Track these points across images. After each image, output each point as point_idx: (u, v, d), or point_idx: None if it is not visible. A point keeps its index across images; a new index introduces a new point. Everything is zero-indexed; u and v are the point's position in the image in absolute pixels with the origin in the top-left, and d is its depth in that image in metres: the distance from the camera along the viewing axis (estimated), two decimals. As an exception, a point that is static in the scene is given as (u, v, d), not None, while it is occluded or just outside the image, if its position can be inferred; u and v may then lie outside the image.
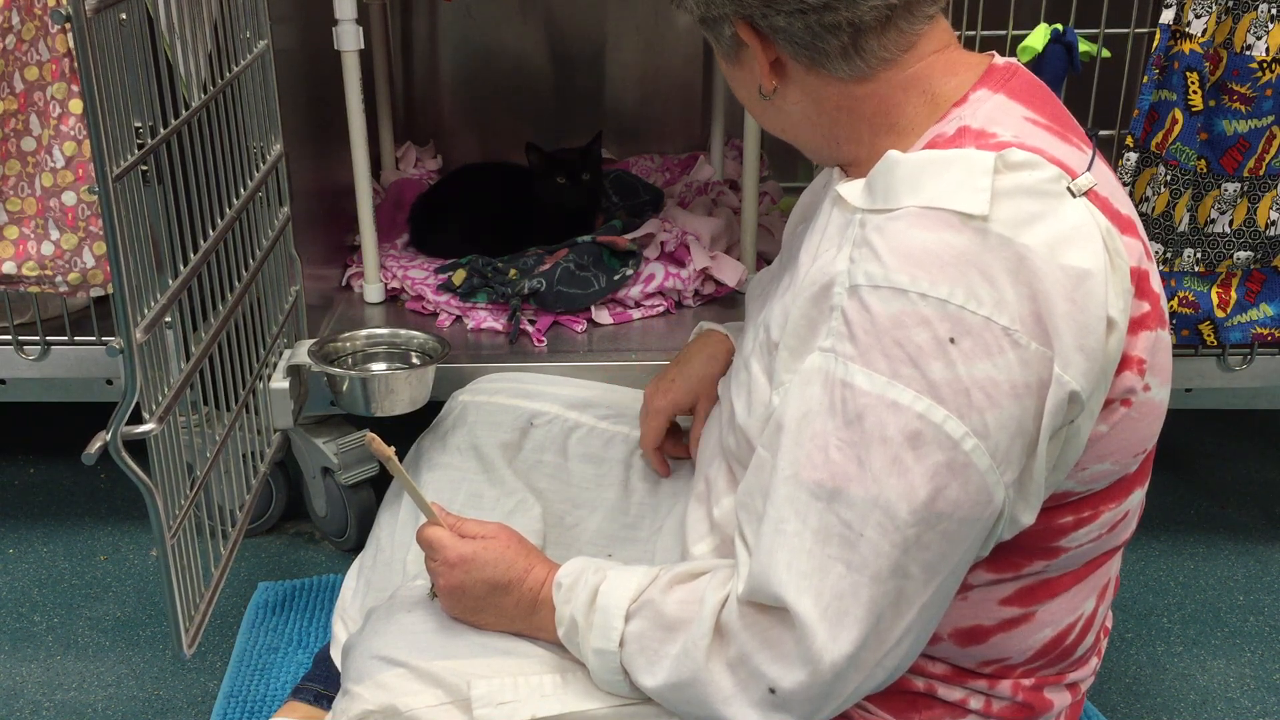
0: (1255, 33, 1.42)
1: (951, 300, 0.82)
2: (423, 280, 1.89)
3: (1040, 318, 0.83)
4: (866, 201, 0.90)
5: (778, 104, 0.97)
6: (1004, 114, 0.90)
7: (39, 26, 1.41)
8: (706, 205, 2.09)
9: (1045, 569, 0.97)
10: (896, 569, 0.85)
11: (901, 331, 0.83)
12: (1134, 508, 1.00)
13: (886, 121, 0.94)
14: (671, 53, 2.38)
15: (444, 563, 1.06)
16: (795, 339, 0.91)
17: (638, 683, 0.98)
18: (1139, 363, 0.90)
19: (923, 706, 1.00)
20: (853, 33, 0.90)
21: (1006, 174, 0.85)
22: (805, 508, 0.86)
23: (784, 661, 0.88)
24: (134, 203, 1.09)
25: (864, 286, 0.85)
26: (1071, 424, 0.87)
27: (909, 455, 0.83)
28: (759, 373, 0.98)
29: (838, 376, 0.86)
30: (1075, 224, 0.85)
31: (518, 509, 1.33)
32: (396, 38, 2.35)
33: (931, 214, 0.84)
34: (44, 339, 1.62)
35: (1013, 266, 0.83)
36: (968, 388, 0.83)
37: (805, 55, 0.92)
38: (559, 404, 1.39)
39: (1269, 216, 1.52)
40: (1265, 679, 1.55)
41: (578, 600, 1.01)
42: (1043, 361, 0.83)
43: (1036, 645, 0.99)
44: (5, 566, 1.74)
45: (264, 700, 1.44)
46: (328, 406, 1.66)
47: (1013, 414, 0.83)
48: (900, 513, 0.84)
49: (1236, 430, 2.15)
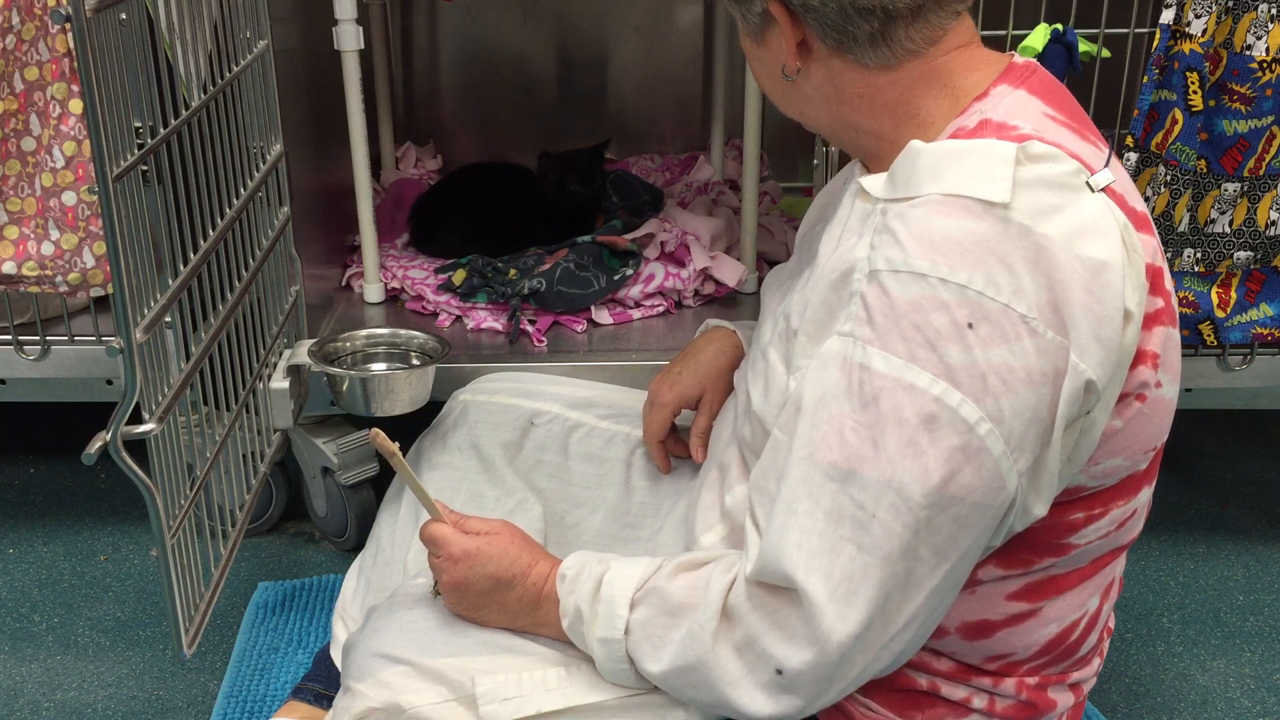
0: (1255, 33, 1.42)
1: (971, 285, 0.83)
2: (423, 280, 1.89)
3: (1057, 307, 0.84)
4: (888, 192, 0.91)
5: (799, 86, 0.97)
6: (1024, 109, 0.91)
7: (39, 26, 1.41)
8: (706, 205, 2.09)
9: (1054, 565, 0.97)
10: (907, 550, 0.85)
11: (920, 315, 0.84)
12: (1142, 506, 1.01)
13: (908, 112, 0.94)
14: (671, 53, 2.38)
15: (447, 558, 1.06)
16: (814, 324, 0.91)
17: (643, 669, 0.98)
18: (1153, 357, 0.91)
19: (926, 705, 1.00)
20: (884, 19, 0.90)
21: (1028, 165, 0.86)
22: (819, 488, 0.87)
23: (791, 641, 0.88)
24: (134, 203, 1.09)
25: (884, 271, 0.86)
26: (1087, 415, 0.88)
27: (924, 437, 0.84)
28: (776, 360, 0.99)
29: (855, 359, 0.86)
30: (1094, 216, 0.85)
31: (518, 509, 1.33)
32: (396, 38, 2.35)
33: (953, 201, 0.85)
34: (44, 339, 1.62)
35: (1031, 255, 0.83)
36: (984, 372, 0.83)
37: (833, 38, 0.92)
38: (560, 403, 1.39)
39: (1269, 216, 1.52)
40: (1265, 679, 1.55)
41: (582, 590, 1.01)
42: (1059, 351, 0.84)
43: (1041, 641, 1.00)
44: (5, 566, 1.74)
45: (264, 700, 1.44)
46: (328, 406, 1.66)
47: (1028, 401, 0.84)
48: (913, 494, 0.84)
49: (1236, 430, 2.15)
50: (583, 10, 2.35)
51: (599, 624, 0.99)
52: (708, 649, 0.92)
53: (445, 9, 2.33)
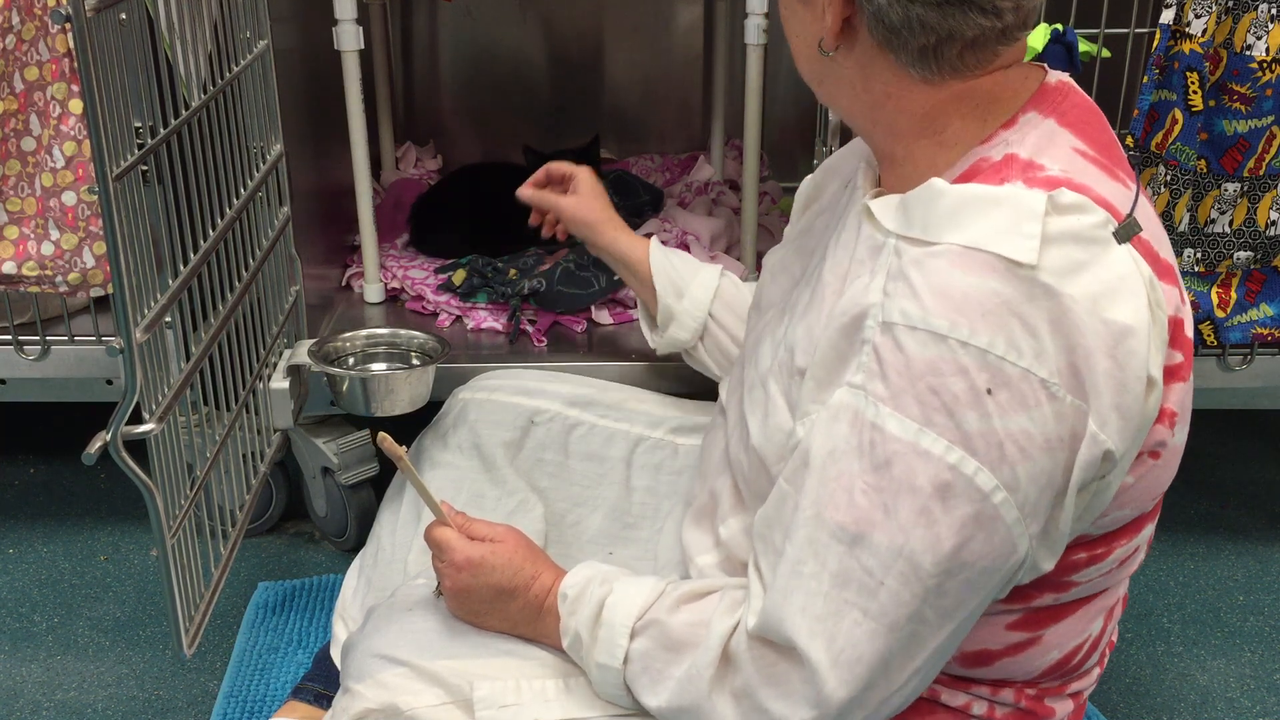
0: (1255, 33, 1.42)
1: (992, 350, 0.80)
2: (423, 280, 1.89)
3: (1078, 371, 0.80)
4: (902, 226, 0.86)
5: (831, 65, 0.92)
6: (1052, 144, 0.87)
7: (39, 26, 1.41)
8: (706, 205, 2.09)
9: (1055, 600, 0.96)
10: (913, 616, 0.84)
11: (937, 378, 0.80)
12: (1144, 542, 0.99)
13: (932, 127, 0.90)
14: (671, 53, 2.38)
15: (451, 564, 1.05)
16: (823, 369, 0.88)
17: (641, 701, 0.97)
18: (1171, 415, 0.88)
19: (926, 711, 1.00)
20: (943, 38, 0.85)
21: (1056, 217, 0.81)
22: (825, 549, 0.84)
23: (790, 700, 0.87)
24: (134, 203, 1.09)
25: (899, 325, 0.82)
26: (1102, 479, 0.86)
27: (937, 506, 0.81)
28: (777, 394, 0.96)
29: (867, 418, 0.83)
30: (1121, 275, 0.82)
31: (519, 509, 1.33)
32: (396, 38, 2.35)
33: (976, 255, 0.81)
34: (44, 339, 1.62)
35: (1055, 318, 0.80)
36: (1001, 440, 0.80)
37: (883, 34, 0.86)
38: (559, 401, 1.39)
39: (1269, 216, 1.52)
40: (1265, 679, 1.55)
41: (582, 614, 1.00)
42: (1078, 415, 0.81)
43: (1043, 667, 0.99)
44: (5, 566, 1.74)
45: (264, 700, 1.44)
46: (328, 406, 1.66)
47: (1044, 467, 0.81)
48: (924, 564, 0.82)
49: (1236, 430, 2.15)
50: (583, 10, 2.35)
51: (599, 649, 0.99)
52: (704, 695, 0.91)
53: (445, 9, 2.33)
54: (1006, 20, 0.85)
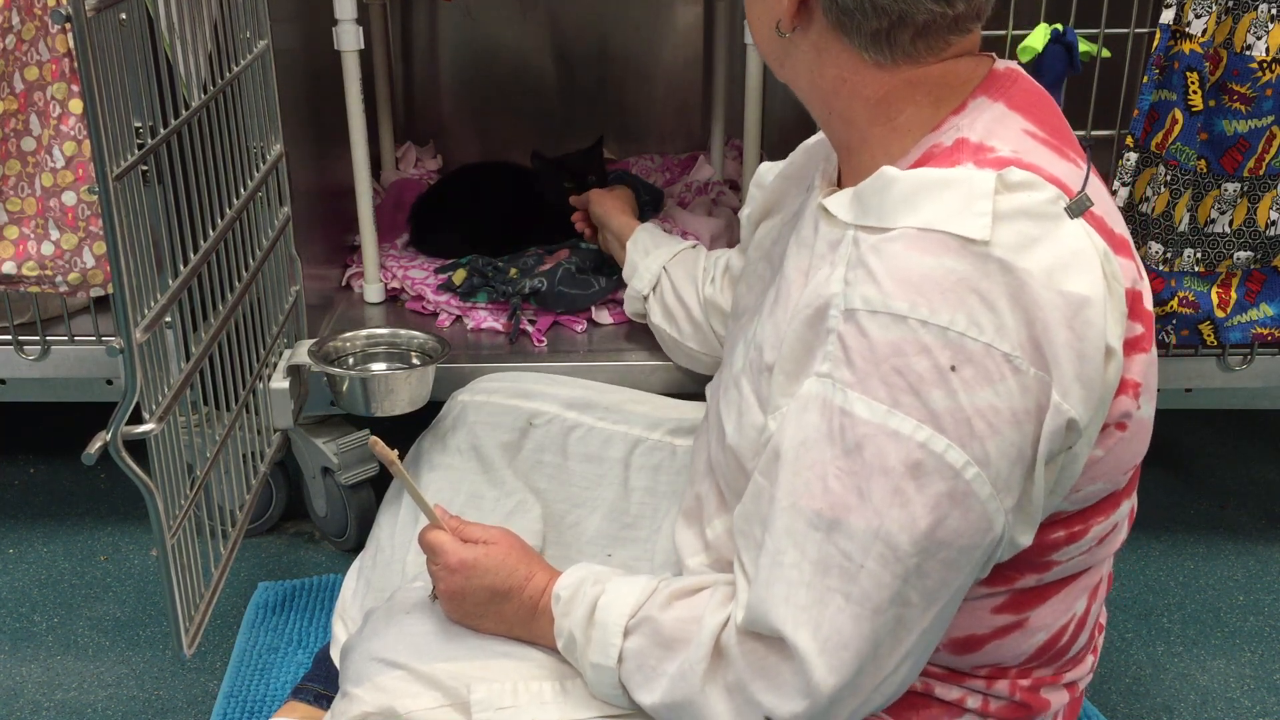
0: (1255, 33, 1.42)
1: (953, 327, 0.81)
2: (423, 280, 1.89)
3: (1039, 344, 0.82)
4: (857, 216, 0.88)
5: (788, 46, 0.94)
6: (1002, 126, 0.89)
7: (39, 26, 1.41)
8: (706, 205, 2.09)
9: (1037, 581, 0.97)
10: (896, 598, 0.84)
11: (901, 359, 0.82)
12: (1122, 519, 1.00)
13: (886, 114, 0.92)
14: (671, 53, 2.38)
15: (445, 567, 1.06)
16: (791, 362, 0.89)
17: (635, 699, 0.98)
18: (1134, 386, 0.89)
19: (921, 706, 1.00)
20: (895, 22, 0.87)
21: (1006, 195, 0.83)
22: (803, 538, 0.85)
23: (781, 691, 0.87)
24: (134, 203, 1.09)
25: (861, 311, 0.83)
26: (1069, 450, 0.87)
27: (910, 486, 0.82)
28: (749, 393, 0.97)
29: (836, 404, 0.84)
30: (1074, 249, 0.83)
31: (517, 510, 1.33)
32: (396, 38, 2.35)
33: (930, 236, 0.83)
34: (44, 339, 1.62)
35: (1013, 292, 0.81)
36: (969, 416, 0.82)
37: (836, 16, 0.89)
38: (558, 404, 1.39)
39: (1269, 216, 1.52)
40: (1265, 679, 1.55)
41: (576, 615, 1.01)
42: (1041, 387, 0.82)
43: (1030, 650, 0.99)
44: (5, 566, 1.74)
45: (264, 700, 1.44)
46: (328, 406, 1.66)
47: (1013, 440, 0.83)
48: (901, 544, 0.83)
49: (1236, 430, 2.16)
50: (583, 10, 2.35)
51: (593, 649, 0.99)
52: (697, 690, 0.92)
53: (445, 9, 2.33)
54: (958, 9, 0.87)
